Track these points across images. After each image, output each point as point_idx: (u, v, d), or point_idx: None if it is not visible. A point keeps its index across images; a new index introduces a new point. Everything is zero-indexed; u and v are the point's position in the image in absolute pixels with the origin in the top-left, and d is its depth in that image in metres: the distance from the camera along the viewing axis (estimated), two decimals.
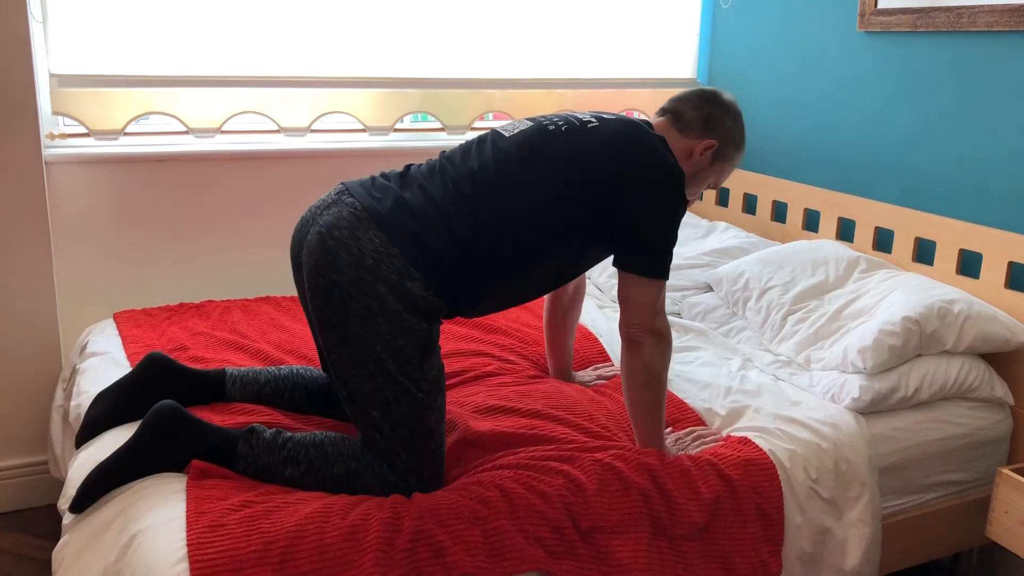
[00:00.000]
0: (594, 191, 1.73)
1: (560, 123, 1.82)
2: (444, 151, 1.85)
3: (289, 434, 1.67)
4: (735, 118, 1.93)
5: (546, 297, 2.15)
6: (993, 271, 2.30)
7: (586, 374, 2.25)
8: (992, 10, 2.33)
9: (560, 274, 1.85)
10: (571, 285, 2.13)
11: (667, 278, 1.78)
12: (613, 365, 2.30)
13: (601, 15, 3.17)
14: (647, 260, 1.75)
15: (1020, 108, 2.32)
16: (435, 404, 1.68)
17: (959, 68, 2.47)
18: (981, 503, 2.16)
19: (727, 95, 1.94)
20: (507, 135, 1.82)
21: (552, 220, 1.73)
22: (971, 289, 2.35)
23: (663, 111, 1.94)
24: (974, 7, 2.38)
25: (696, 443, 1.90)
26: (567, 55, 3.15)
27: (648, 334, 1.76)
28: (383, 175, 1.80)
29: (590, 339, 2.41)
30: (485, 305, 1.79)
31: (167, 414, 1.63)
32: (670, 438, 1.91)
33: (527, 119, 1.87)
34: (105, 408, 1.82)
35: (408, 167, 1.81)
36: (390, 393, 1.64)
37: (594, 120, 1.82)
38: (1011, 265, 2.27)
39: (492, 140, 1.82)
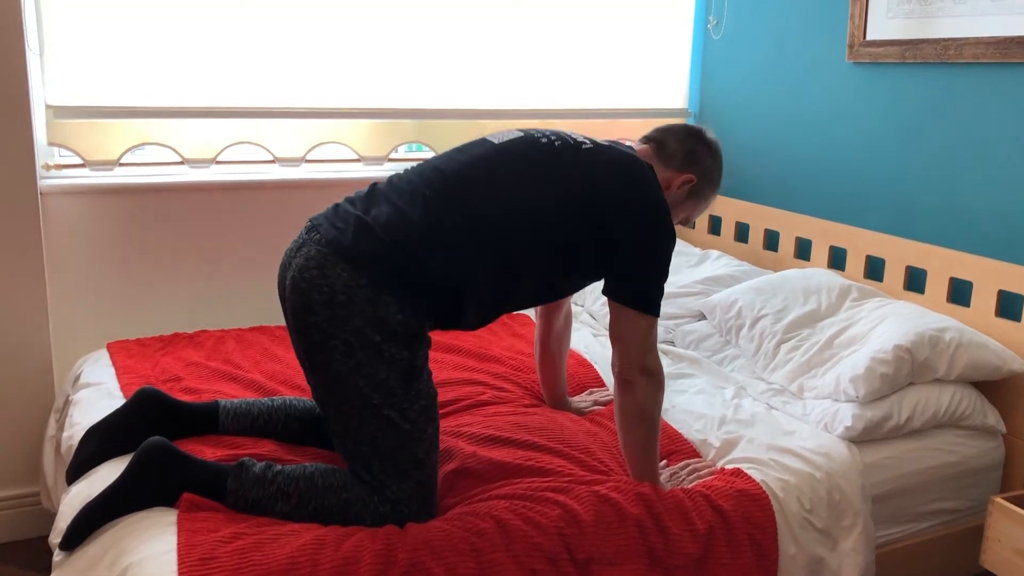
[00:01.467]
0: (589, 218, 1.73)
1: (553, 138, 1.81)
2: (426, 160, 1.82)
3: (279, 467, 1.66)
4: (715, 158, 1.94)
5: (536, 327, 2.15)
6: (984, 299, 2.31)
7: (581, 400, 2.25)
8: (979, 42, 2.36)
9: (546, 292, 1.83)
10: (560, 314, 2.13)
11: (658, 315, 1.78)
12: (608, 390, 2.30)
13: (593, 46, 3.20)
14: (640, 294, 1.75)
15: (1007, 137, 2.35)
16: (424, 434, 1.68)
17: (947, 99, 2.50)
18: (974, 532, 2.16)
19: (711, 134, 1.95)
20: (495, 142, 1.81)
21: (540, 236, 1.71)
22: (962, 317, 2.36)
23: (647, 139, 1.94)
24: (961, 39, 2.41)
25: (691, 476, 1.90)
26: (559, 85, 3.17)
27: (640, 374, 1.76)
28: (348, 199, 1.77)
29: (584, 365, 2.41)
30: (470, 314, 1.74)
31: (156, 450, 1.63)
32: (665, 472, 1.91)
33: (518, 129, 1.86)
34: (97, 445, 1.81)
35: (375, 185, 1.78)
36: (375, 427, 1.64)
37: (588, 143, 1.82)
38: (1001, 293, 2.29)
39: (479, 145, 1.80)
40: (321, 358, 1.64)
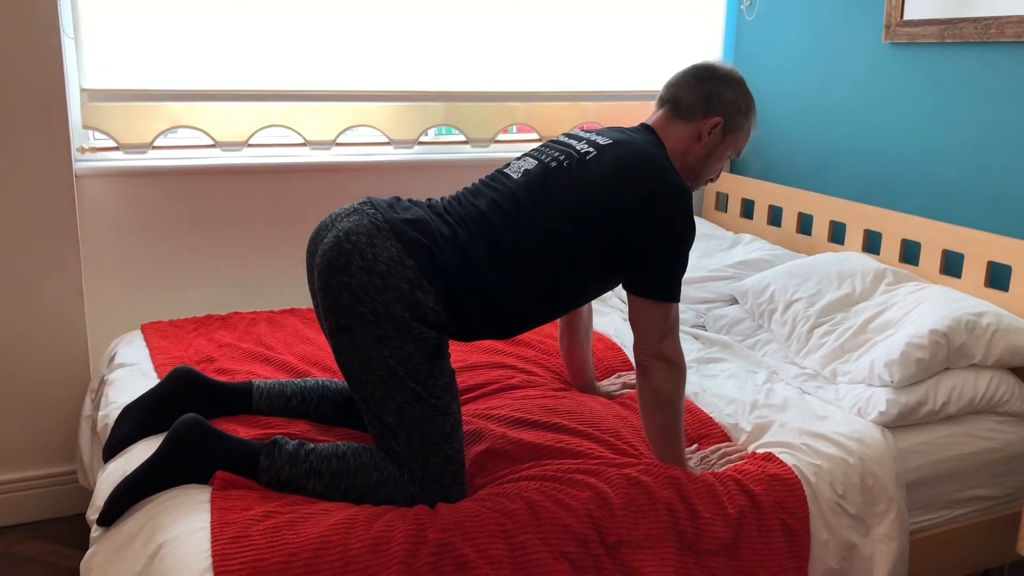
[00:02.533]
0: (602, 223, 1.73)
1: (561, 158, 1.80)
2: (444, 196, 1.87)
3: (312, 446, 1.68)
4: (735, 86, 1.88)
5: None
6: (1023, 283, 2.27)
7: (610, 383, 2.24)
8: (1021, 20, 2.31)
9: (576, 298, 1.84)
10: None
11: (676, 301, 1.76)
12: None
13: (624, 27, 3.17)
14: (655, 284, 1.74)
15: None
16: (449, 410, 1.69)
17: (986, 79, 2.45)
18: (1011, 519, 2.13)
19: (723, 66, 1.90)
20: (514, 176, 1.82)
21: (566, 256, 1.73)
22: (1000, 302, 2.32)
23: (661, 101, 1.91)
24: (1002, 18, 2.36)
25: (722, 460, 1.89)
26: (590, 68, 3.15)
27: (655, 359, 1.75)
28: (408, 199, 1.83)
29: (613, 348, 2.41)
30: (490, 331, 1.79)
31: (190, 427, 1.64)
32: (695, 456, 1.90)
33: (528, 156, 1.87)
34: (132, 425, 1.84)
35: (430, 200, 1.84)
36: (402, 399, 1.65)
37: (592, 149, 1.80)
38: None
39: (498, 179, 1.83)
40: (347, 321, 1.64)
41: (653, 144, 1.82)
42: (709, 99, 1.86)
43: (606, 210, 1.72)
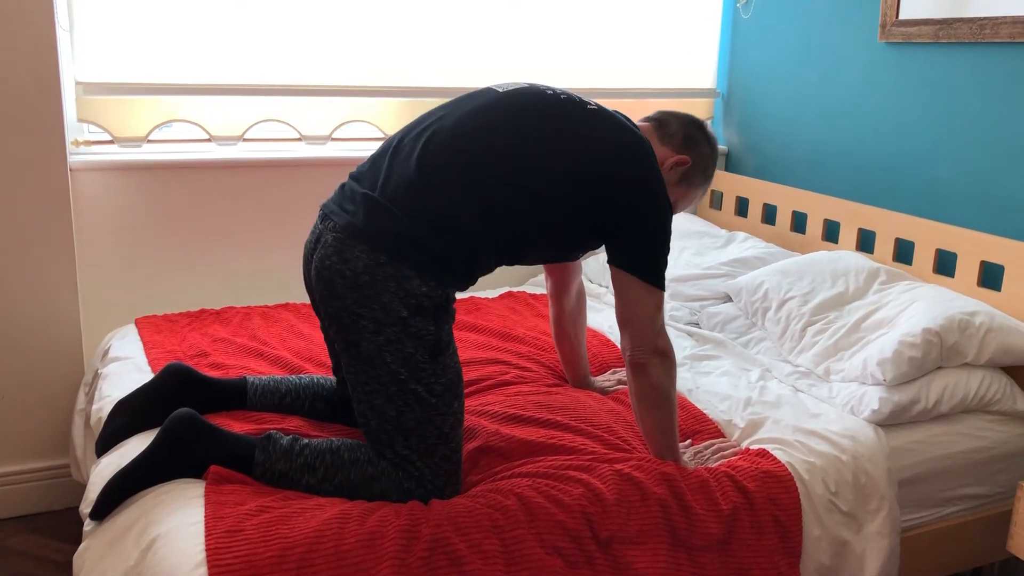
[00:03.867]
0: (593, 176, 1.71)
1: (559, 93, 1.79)
2: (430, 112, 1.80)
3: (306, 440, 1.68)
4: (713, 150, 1.94)
5: (550, 309, 2.14)
6: (1016, 283, 2.28)
7: (605, 379, 2.24)
8: (1015, 21, 2.32)
9: (557, 247, 1.83)
10: (571, 295, 2.12)
11: (664, 289, 1.76)
12: None
13: (621, 25, 3.17)
14: (645, 263, 1.73)
15: None
16: (449, 409, 1.69)
17: (981, 79, 2.46)
18: (1002, 517, 2.14)
19: (711, 129, 1.95)
20: (499, 91, 1.78)
21: (546, 189, 1.70)
22: (993, 301, 2.33)
23: (648, 119, 1.94)
24: (997, 18, 2.37)
25: (715, 456, 1.89)
26: (587, 65, 3.15)
27: (652, 355, 1.76)
28: (353, 176, 1.77)
29: (608, 344, 2.41)
30: (485, 267, 1.75)
31: (184, 421, 1.64)
32: (688, 452, 1.91)
33: (525, 81, 1.84)
34: (126, 419, 1.84)
35: (373, 155, 1.78)
36: (401, 403, 1.65)
37: (594, 104, 1.80)
38: None
39: (482, 95, 1.78)
40: (352, 338, 1.65)
41: (648, 143, 1.82)
42: (689, 139, 1.90)
43: (596, 178, 1.70)
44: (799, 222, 3.03)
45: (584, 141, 1.72)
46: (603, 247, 1.83)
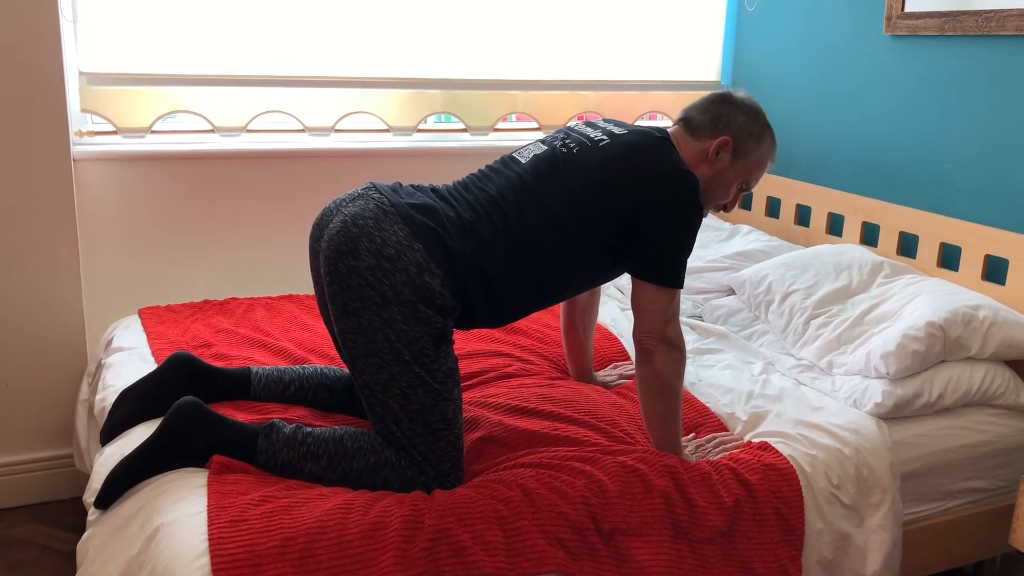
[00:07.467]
0: (609, 204, 1.74)
1: (572, 145, 1.83)
2: (455, 181, 1.89)
3: (309, 429, 1.68)
4: (748, 112, 1.90)
5: (562, 302, 2.15)
6: (1019, 277, 2.27)
7: (607, 374, 2.24)
8: (1021, 14, 2.31)
9: (579, 286, 1.86)
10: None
11: (680, 286, 1.77)
12: (633, 363, 2.30)
13: (625, 17, 3.16)
14: (660, 268, 1.75)
15: None
16: (451, 396, 1.69)
17: (987, 72, 2.45)
18: (1004, 511, 2.14)
19: (740, 93, 1.93)
20: (522, 160, 1.85)
21: (572, 240, 1.75)
22: (997, 295, 2.33)
23: (677, 120, 1.95)
24: (1003, 11, 2.36)
25: (717, 449, 1.89)
26: (591, 57, 3.15)
27: (659, 343, 1.76)
28: (411, 184, 1.84)
29: (610, 339, 2.41)
30: (491, 318, 1.81)
31: (188, 409, 1.65)
32: (691, 444, 1.91)
33: (540, 142, 1.89)
34: (129, 409, 1.84)
35: (433, 186, 1.86)
36: (406, 383, 1.65)
37: (605, 137, 1.83)
38: None
39: (507, 165, 1.86)
40: (354, 305, 1.65)
41: (667, 142, 1.84)
42: (717, 120, 1.88)
43: (614, 193, 1.74)
44: (803, 215, 3.03)
45: (594, 171, 1.77)
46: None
